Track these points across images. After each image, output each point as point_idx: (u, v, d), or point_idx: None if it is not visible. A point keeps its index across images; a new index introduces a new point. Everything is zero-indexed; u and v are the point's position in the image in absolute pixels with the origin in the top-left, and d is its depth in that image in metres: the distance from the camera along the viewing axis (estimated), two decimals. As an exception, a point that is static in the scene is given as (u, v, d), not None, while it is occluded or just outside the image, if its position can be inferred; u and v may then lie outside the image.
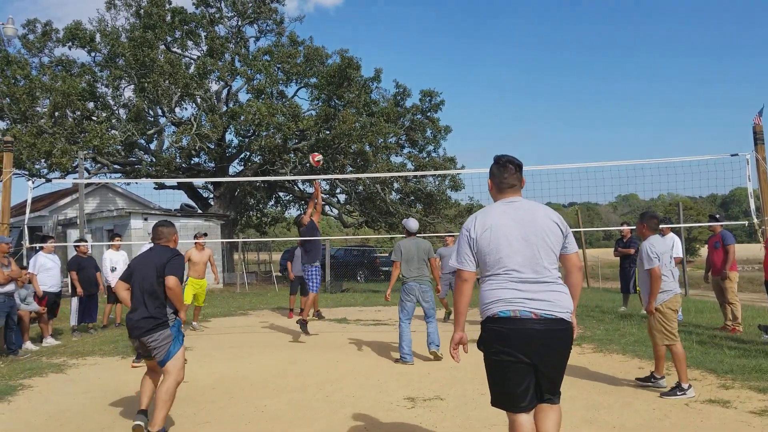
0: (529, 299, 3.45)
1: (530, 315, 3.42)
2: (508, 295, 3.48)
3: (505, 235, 3.54)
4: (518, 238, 3.53)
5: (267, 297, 19.33)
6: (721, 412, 5.38)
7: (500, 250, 3.53)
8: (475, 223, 3.63)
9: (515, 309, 3.44)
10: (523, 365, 3.44)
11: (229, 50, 26.31)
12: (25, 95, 21.79)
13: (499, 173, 3.72)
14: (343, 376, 7.33)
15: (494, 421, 5.26)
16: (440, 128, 28.28)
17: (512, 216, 3.60)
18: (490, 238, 3.55)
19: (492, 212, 3.65)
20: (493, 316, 3.50)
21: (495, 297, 3.52)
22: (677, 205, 18.88)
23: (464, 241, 3.64)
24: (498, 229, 3.56)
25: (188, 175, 26.22)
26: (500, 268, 3.53)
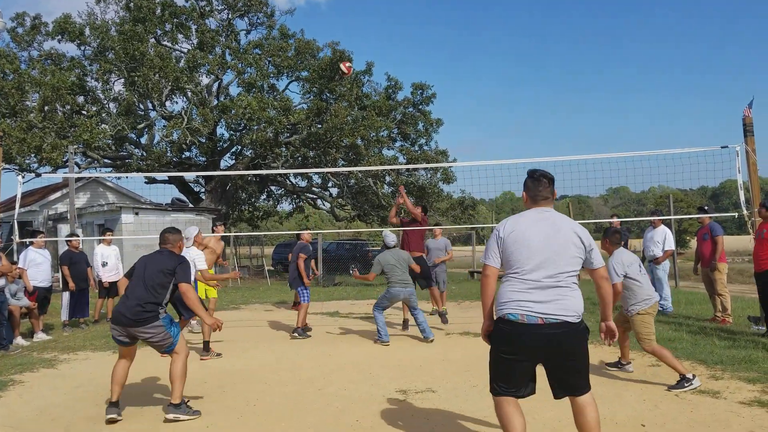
0: (538, 302, 3.67)
1: (537, 320, 3.65)
2: (520, 298, 3.71)
3: (529, 239, 3.78)
4: (540, 244, 3.76)
5: (259, 291, 19.32)
6: (711, 402, 5.42)
7: (521, 253, 3.77)
8: (506, 225, 3.90)
9: (523, 314, 3.67)
10: (526, 364, 3.75)
11: (219, 43, 26.16)
12: (14, 89, 21.61)
13: (534, 186, 3.97)
14: (335, 369, 7.34)
15: (486, 413, 5.28)
16: (432, 121, 28.24)
17: (540, 224, 3.84)
18: (515, 239, 3.80)
19: (523, 218, 3.91)
20: (503, 317, 3.76)
21: (508, 298, 3.76)
22: (668, 197, 18.96)
23: (493, 240, 3.91)
24: (524, 233, 3.81)
25: (179, 169, 26.11)
26: (518, 270, 3.77)
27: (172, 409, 5.31)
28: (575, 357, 3.74)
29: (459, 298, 15.32)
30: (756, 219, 8.62)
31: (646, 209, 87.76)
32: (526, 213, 3.95)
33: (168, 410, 5.34)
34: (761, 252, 8.15)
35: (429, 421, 5.13)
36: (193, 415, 5.36)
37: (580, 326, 3.74)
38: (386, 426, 5.04)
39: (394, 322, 10.99)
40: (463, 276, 23.95)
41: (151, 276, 5.44)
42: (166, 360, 6.01)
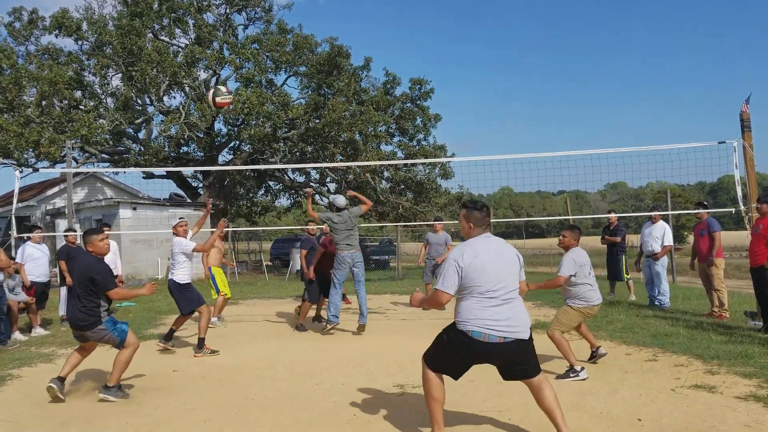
0: (499, 320, 4.16)
1: (496, 340, 4.15)
2: (484, 316, 4.18)
3: (485, 265, 4.24)
4: (498, 266, 4.27)
5: (258, 286, 19.33)
6: (707, 397, 5.43)
7: (483, 275, 4.21)
8: (464, 255, 4.26)
9: (486, 333, 4.15)
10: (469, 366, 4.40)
11: (217, 38, 26.12)
12: (11, 84, 21.56)
13: (482, 217, 4.42)
14: (333, 364, 7.35)
15: (482, 407, 5.30)
16: (430, 116, 28.25)
17: (492, 249, 4.34)
18: (476, 268, 4.21)
19: (477, 245, 4.33)
20: (466, 332, 4.20)
21: (472, 315, 4.21)
22: (665, 192, 18.97)
23: (453, 270, 4.26)
24: (482, 261, 4.24)
25: (177, 164, 26.10)
26: (481, 289, 4.21)
27: (104, 390, 5.79)
28: (523, 363, 4.32)
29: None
30: (753, 214, 8.64)
31: (644, 205, 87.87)
32: (477, 241, 4.37)
33: (100, 390, 5.82)
34: (757, 247, 8.17)
35: (426, 416, 5.13)
36: (122, 397, 5.81)
37: (529, 339, 4.30)
38: (383, 420, 5.05)
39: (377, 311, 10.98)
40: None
41: (77, 283, 5.83)
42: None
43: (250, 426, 5.00)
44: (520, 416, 5.04)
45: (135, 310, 12.84)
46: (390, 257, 29.68)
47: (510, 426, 4.83)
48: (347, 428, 4.89)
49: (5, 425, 5.17)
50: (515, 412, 5.14)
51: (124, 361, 5.86)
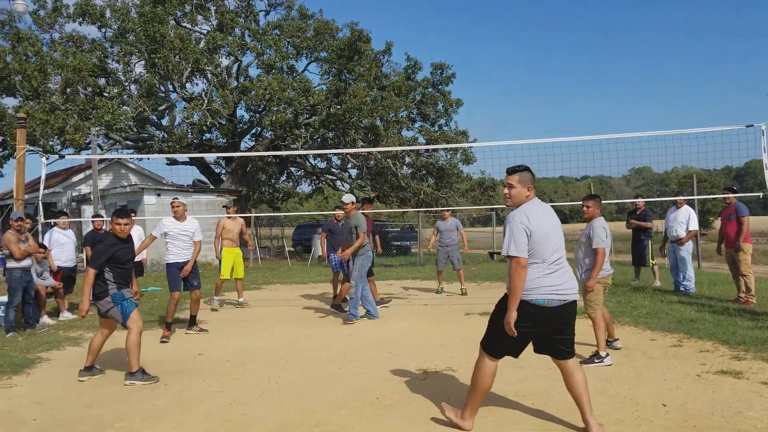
0: (557, 285, 4.20)
1: (557, 303, 4.19)
2: (545, 283, 4.18)
3: (547, 230, 4.24)
4: (554, 233, 4.28)
5: (280, 272, 19.46)
6: (733, 383, 5.38)
7: (546, 242, 4.20)
8: (530, 219, 4.20)
9: (549, 299, 4.18)
10: (531, 339, 4.35)
11: (238, 25, 26.14)
12: (36, 72, 21.81)
13: (533, 179, 4.40)
14: (356, 348, 7.39)
15: (505, 392, 5.30)
16: (452, 101, 28.03)
17: (547, 213, 4.33)
18: (540, 232, 4.19)
19: (536, 210, 4.29)
20: (529, 301, 4.17)
21: (534, 284, 4.18)
22: (691, 177, 18.71)
23: (523, 233, 4.16)
24: (544, 225, 4.23)
25: (200, 150, 26.24)
26: (543, 258, 4.20)
27: (128, 376, 5.94)
28: (570, 328, 4.39)
29: (479, 278, 15.31)
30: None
31: (669, 189, 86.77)
32: (535, 206, 4.32)
33: (125, 377, 5.95)
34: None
35: (449, 399, 5.15)
36: (150, 380, 5.94)
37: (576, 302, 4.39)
38: (407, 404, 5.07)
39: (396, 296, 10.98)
40: (482, 257, 23.91)
41: None
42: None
43: (274, 408, 5.05)
44: (543, 401, 5.04)
45: (161, 295, 12.99)
46: (411, 243, 29.67)
47: (532, 411, 4.82)
48: (370, 411, 4.92)
49: (35, 407, 5.28)
50: (538, 397, 5.14)
51: (133, 344, 5.97)
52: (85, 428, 4.71)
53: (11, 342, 8.14)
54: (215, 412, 5.01)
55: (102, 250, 6.10)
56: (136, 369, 5.95)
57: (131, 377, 5.92)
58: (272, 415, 4.90)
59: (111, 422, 4.81)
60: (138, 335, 6.03)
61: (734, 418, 4.51)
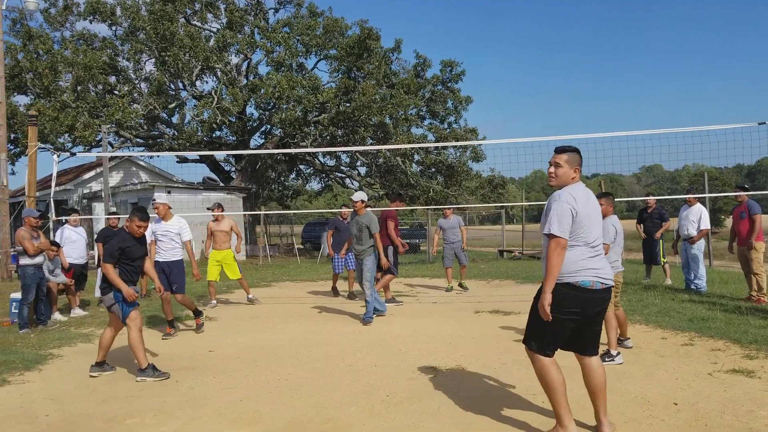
0: (599, 269, 4.10)
1: (600, 285, 4.08)
2: (589, 266, 4.07)
3: (590, 213, 4.14)
4: (595, 216, 4.18)
5: (289, 269, 19.49)
6: (744, 381, 5.35)
7: (588, 225, 4.10)
8: (576, 199, 4.08)
9: (593, 281, 4.06)
10: (574, 324, 4.14)
11: (248, 22, 26.19)
12: (47, 69, 21.96)
13: (581, 162, 4.27)
14: (365, 345, 7.39)
15: (515, 390, 5.29)
16: (461, 99, 27.99)
17: (590, 198, 4.20)
18: (586, 213, 4.09)
19: (582, 192, 4.17)
20: (574, 283, 4.04)
21: (579, 267, 4.05)
22: (702, 175, 18.59)
23: (569, 213, 4.04)
24: (588, 207, 4.13)
25: (210, 148, 26.35)
26: (586, 240, 4.09)
27: (140, 373, 6.02)
28: (602, 318, 4.30)
29: (488, 276, 15.29)
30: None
31: (680, 187, 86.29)
32: (580, 188, 4.19)
33: (137, 374, 6.03)
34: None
35: (459, 397, 5.15)
36: (161, 376, 6.00)
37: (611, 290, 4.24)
38: (417, 401, 5.07)
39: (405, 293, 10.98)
40: (492, 255, 23.87)
41: None
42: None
43: (284, 405, 5.07)
44: (554, 399, 5.01)
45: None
46: (420, 241, 29.66)
47: (543, 409, 4.81)
48: (380, 408, 4.92)
49: (47, 403, 5.31)
50: (549, 395, 5.12)
51: (134, 342, 6.04)
52: (97, 424, 4.74)
53: (23, 338, 8.20)
54: (226, 408, 5.03)
55: (114, 244, 6.17)
56: (146, 365, 6.01)
57: (142, 374, 5.97)
58: (283, 411, 4.92)
59: (123, 418, 4.84)
60: (137, 332, 6.07)
61: (746, 417, 4.49)
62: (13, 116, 21.43)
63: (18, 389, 5.76)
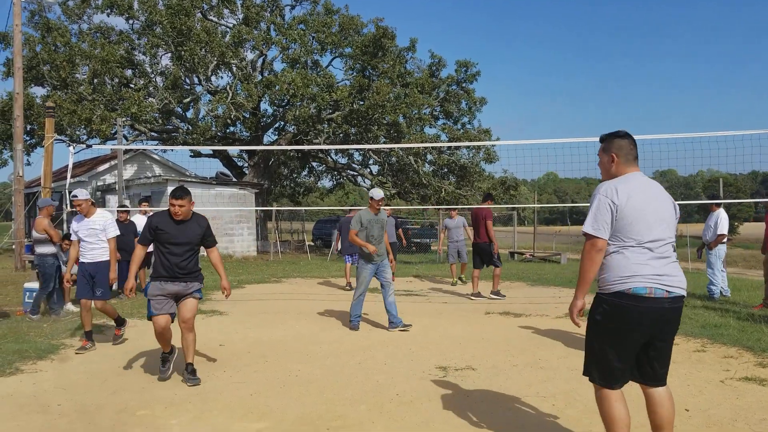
0: (662, 275, 3.44)
1: (663, 293, 3.42)
2: (645, 271, 3.42)
3: (644, 207, 3.49)
4: (655, 212, 3.52)
5: (300, 266, 19.53)
6: (757, 389, 5.31)
7: (641, 222, 3.46)
8: (618, 191, 3.50)
9: (651, 287, 3.41)
10: (638, 343, 3.48)
11: (264, 19, 26.25)
12: (65, 62, 22.10)
13: (626, 145, 3.68)
14: (375, 344, 7.40)
15: (526, 393, 5.27)
16: (475, 100, 27.95)
17: (647, 190, 3.58)
18: (634, 207, 3.47)
19: (630, 184, 3.56)
20: (626, 291, 3.42)
21: (631, 271, 3.43)
22: (717, 181, 18.45)
23: (605, 209, 3.48)
24: (640, 200, 3.50)
25: (223, 143, 26.43)
26: (638, 240, 3.46)
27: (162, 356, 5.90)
28: (673, 331, 3.59)
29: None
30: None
31: (693, 193, 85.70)
32: (629, 177, 3.60)
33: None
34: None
35: (469, 398, 5.15)
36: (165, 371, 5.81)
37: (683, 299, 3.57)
38: (426, 401, 5.07)
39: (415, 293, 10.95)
40: (503, 257, 23.79)
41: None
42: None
43: (294, 401, 5.08)
44: (564, 402, 5.01)
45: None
46: (431, 241, 29.64)
47: (553, 413, 4.80)
48: (390, 407, 4.93)
49: (60, 392, 5.35)
50: (559, 399, 5.11)
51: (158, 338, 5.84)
52: (108, 415, 4.77)
53: (36, 328, 8.27)
54: (236, 402, 5.05)
55: (147, 226, 5.76)
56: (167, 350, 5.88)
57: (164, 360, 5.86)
58: (293, 407, 4.93)
59: (134, 409, 4.87)
60: (157, 336, 5.79)
61: (758, 425, 4.45)
62: (30, 107, 21.60)
63: (31, 378, 5.81)
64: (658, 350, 3.54)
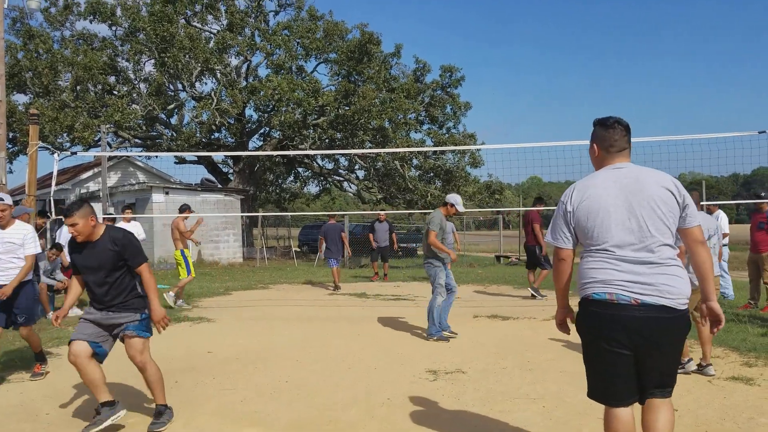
0: (630, 282, 3.04)
1: (629, 301, 3.02)
2: (605, 276, 3.09)
3: (606, 205, 3.12)
4: (621, 208, 3.10)
5: (286, 271, 19.49)
6: (744, 389, 5.37)
7: (600, 223, 3.12)
8: (573, 194, 3.23)
9: (612, 292, 3.06)
10: (622, 355, 3.08)
11: (248, 24, 26.20)
12: (47, 69, 21.93)
13: (608, 135, 3.28)
14: (365, 348, 7.40)
15: (515, 395, 5.30)
16: (460, 104, 28.05)
17: (617, 183, 3.16)
18: (589, 208, 3.15)
19: (594, 180, 3.23)
20: (587, 297, 3.16)
21: (590, 277, 3.15)
22: (699, 183, 18.65)
23: (560, 216, 3.27)
24: (598, 198, 3.14)
25: (208, 149, 26.33)
26: (600, 243, 3.13)
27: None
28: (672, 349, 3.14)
29: (486, 281, 15.30)
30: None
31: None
32: (598, 173, 3.28)
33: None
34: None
35: (459, 401, 5.16)
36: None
37: (682, 314, 3.07)
38: (417, 404, 5.08)
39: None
40: (489, 260, 23.89)
41: None
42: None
43: (284, 407, 5.07)
44: (554, 404, 5.03)
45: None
46: (417, 245, 29.66)
47: (543, 414, 4.82)
48: (381, 411, 4.93)
49: (48, 401, 5.31)
50: (548, 400, 5.13)
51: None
52: (97, 423, 4.72)
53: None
54: (226, 409, 5.03)
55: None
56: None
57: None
58: (283, 412, 4.92)
59: (124, 417, 4.83)
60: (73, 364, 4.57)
61: (746, 425, 4.50)
62: (12, 115, 21.38)
63: (17, 387, 5.76)
64: (647, 368, 3.13)
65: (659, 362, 3.12)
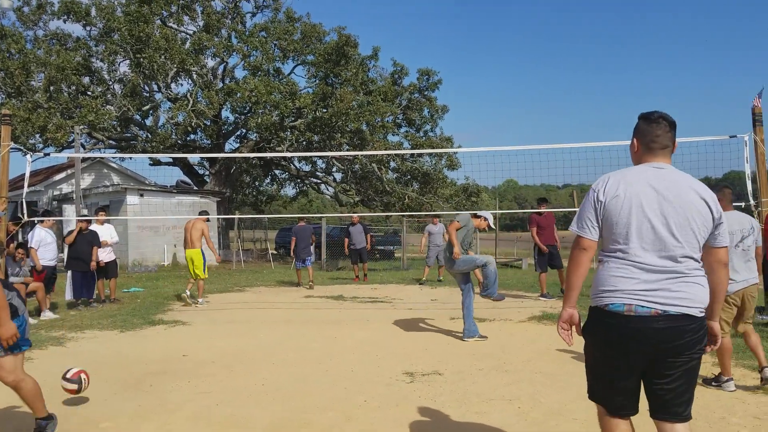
0: (652, 290, 2.84)
1: (649, 312, 2.82)
2: (624, 285, 2.88)
3: (639, 205, 2.89)
4: (655, 213, 2.88)
5: (263, 274, 19.39)
6: (715, 389, 5.45)
7: (627, 223, 2.90)
8: (607, 184, 2.98)
9: (631, 304, 2.84)
10: (633, 369, 2.94)
11: (225, 26, 26.07)
12: (19, 69, 21.61)
13: (651, 130, 3.05)
14: (341, 351, 7.39)
15: (491, 396, 5.33)
16: (437, 107, 28.22)
17: (654, 185, 2.92)
18: (620, 205, 2.91)
19: (630, 175, 2.99)
20: (602, 307, 2.94)
21: (610, 285, 2.92)
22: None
23: (590, 204, 3.01)
24: (632, 197, 2.91)
25: (184, 151, 26.12)
26: (622, 245, 2.92)
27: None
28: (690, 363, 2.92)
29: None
30: (762, 209, 8.60)
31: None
32: (635, 168, 3.05)
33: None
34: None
35: (436, 402, 5.18)
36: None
37: (703, 322, 2.90)
38: (393, 406, 5.09)
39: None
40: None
41: None
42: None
43: (261, 409, 5.04)
44: (530, 405, 5.07)
45: (143, 296, 12.89)
46: (395, 248, 29.69)
47: (519, 415, 4.85)
48: (358, 413, 4.93)
49: (21, 406, 5.21)
50: (524, 401, 5.17)
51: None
52: (71, 427, 4.67)
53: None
54: (202, 413, 4.99)
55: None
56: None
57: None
58: (259, 415, 4.89)
59: (97, 421, 4.78)
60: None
61: (718, 424, 4.58)
62: (-18, 115, 21.05)
63: (-12, 392, 5.64)
64: (663, 381, 2.93)
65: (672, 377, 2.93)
